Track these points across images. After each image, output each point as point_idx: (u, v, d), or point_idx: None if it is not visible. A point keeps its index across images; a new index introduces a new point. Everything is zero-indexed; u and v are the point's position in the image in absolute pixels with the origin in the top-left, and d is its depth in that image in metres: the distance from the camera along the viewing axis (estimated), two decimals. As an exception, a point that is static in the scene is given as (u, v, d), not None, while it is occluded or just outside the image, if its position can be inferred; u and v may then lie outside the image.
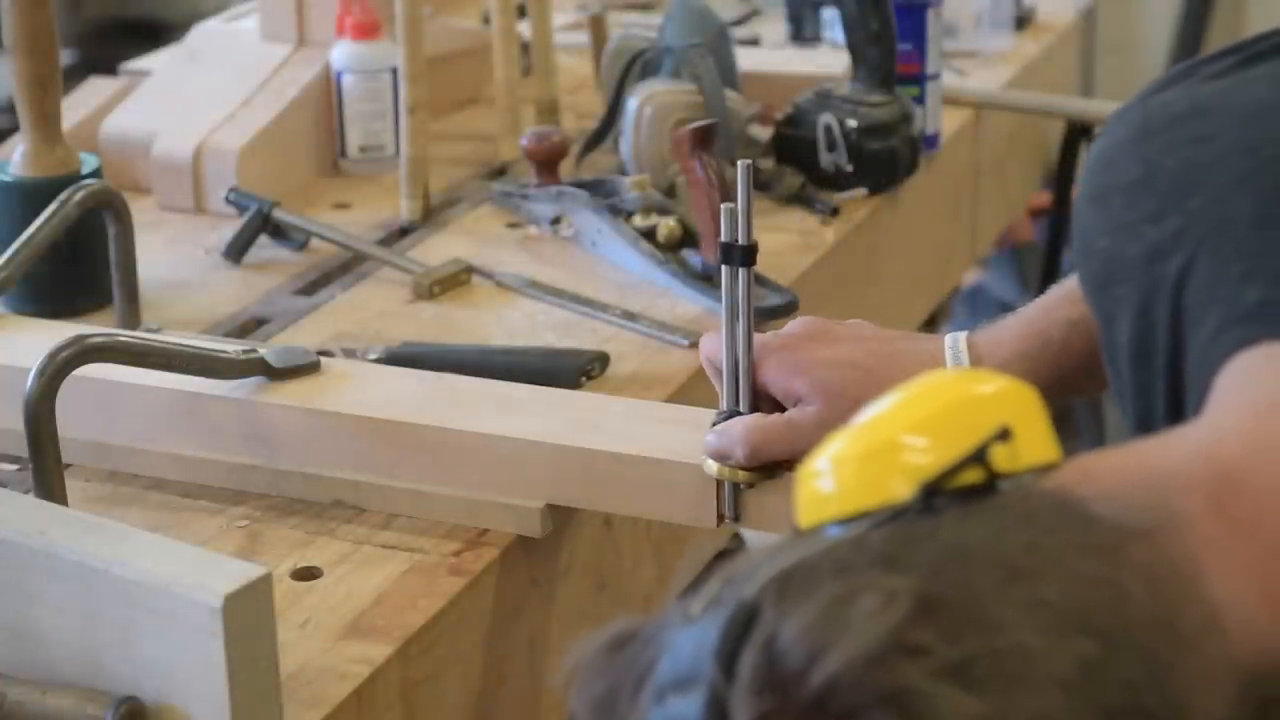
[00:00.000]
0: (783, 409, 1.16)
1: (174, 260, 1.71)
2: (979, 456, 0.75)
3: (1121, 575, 0.72)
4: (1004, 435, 0.76)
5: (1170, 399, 0.90)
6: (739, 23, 2.46)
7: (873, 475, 0.77)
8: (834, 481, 0.78)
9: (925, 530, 0.74)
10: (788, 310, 1.57)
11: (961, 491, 0.75)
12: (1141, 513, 0.75)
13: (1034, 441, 0.77)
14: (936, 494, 0.75)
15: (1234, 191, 0.86)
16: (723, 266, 1.15)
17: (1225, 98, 0.93)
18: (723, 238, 1.14)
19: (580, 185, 1.74)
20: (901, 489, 0.75)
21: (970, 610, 0.70)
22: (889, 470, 0.76)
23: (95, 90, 1.99)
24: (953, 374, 0.80)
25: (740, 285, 1.15)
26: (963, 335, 1.17)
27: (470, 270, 1.64)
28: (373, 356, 1.44)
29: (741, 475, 1.15)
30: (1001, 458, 0.76)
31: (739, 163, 1.14)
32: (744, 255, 1.14)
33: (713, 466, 1.16)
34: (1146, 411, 0.92)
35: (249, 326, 1.58)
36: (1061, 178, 2.50)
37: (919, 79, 1.93)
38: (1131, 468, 0.79)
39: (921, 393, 0.79)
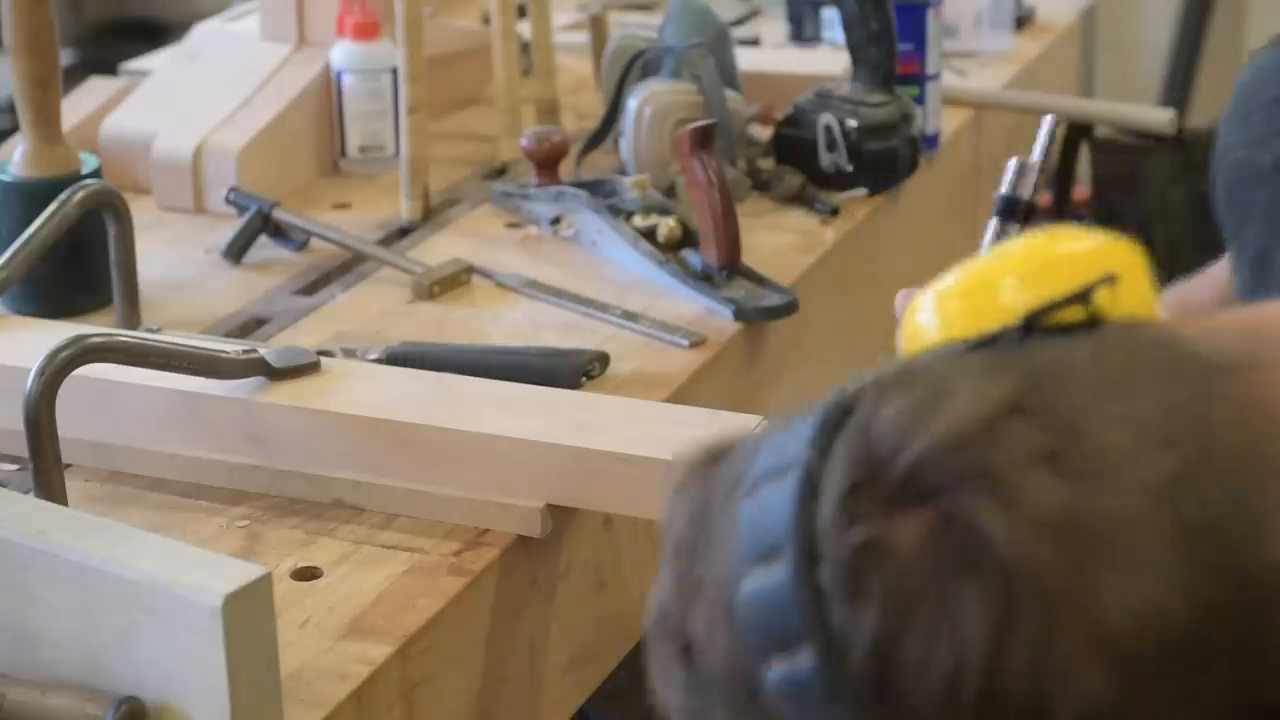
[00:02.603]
0: None
1: (174, 260, 1.71)
2: (1082, 296, 0.78)
3: (1213, 403, 0.74)
4: (1108, 281, 0.79)
5: None
6: (739, 23, 2.46)
7: (976, 309, 0.79)
8: (936, 316, 0.81)
9: (1024, 351, 0.76)
10: (788, 310, 1.57)
11: (1061, 327, 0.78)
12: (1239, 353, 0.77)
13: (1137, 294, 0.80)
14: (1037, 327, 0.77)
15: None
16: (995, 218, 1.11)
17: None
18: (1004, 190, 1.10)
19: (580, 185, 1.74)
20: (1003, 322, 0.78)
21: (1063, 414, 0.72)
22: (993, 305, 0.79)
23: (95, 90, 1.99)
24: (1060, 229, 0.83)
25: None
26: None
27: (470, 270, 1.64)
28: (373, 356, 1.44)
29: None
30: (1104, 301, 0.78)
31: (1044, 118, 1.09)
32: (1026, 212, 1.10)
33: None
34: None
35: (249, 326, 1.58)
36: (1061, 178, 2.50)
37: (919, 79, 1.93)
38: (1234, 317, 0.82)
39: (1032, 243, 0.83)
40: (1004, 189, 1.11)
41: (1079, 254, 0.81)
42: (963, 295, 0.81)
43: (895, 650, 0.70)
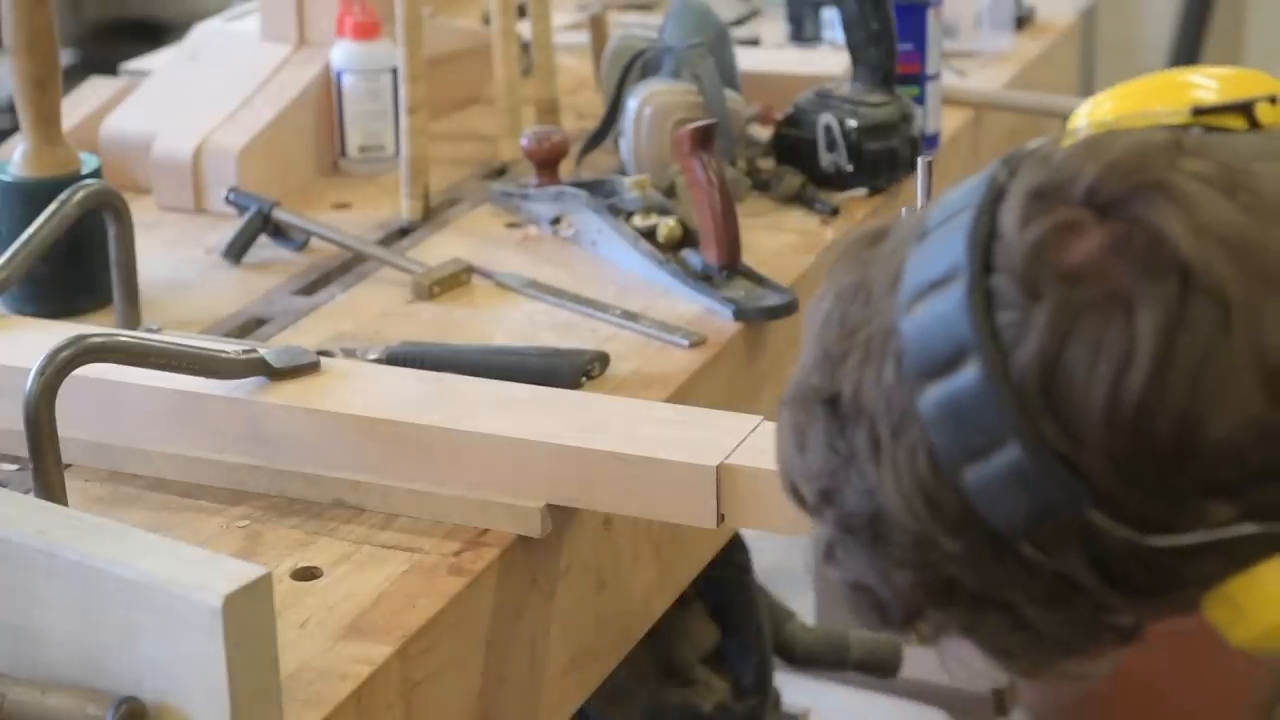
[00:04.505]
0: None
1: (174, 260, 1.71)
2: (1245, 106, 0.83)
3: None
4: (1272, 100, 0.84)
5: None
6: (739, 23, 2.46)
7: (1148, 101, 0.85)
8: (1089, 121, 0.86)
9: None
10: (788, 310, 1.57)
11: (1223, 128, 0.83)
12: None
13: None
14: (1200, 122, 0.82)
15: None
16: None
17: None
18: None
19: (580, 185, 1.74)
20: (1168, 114, 0.83)
21: (1233, 162, 0.76)
22: (1164, 98, 0.85)
23: (95, 90, 1.99)
24: (1199, 69, 0.91)
25: None
26: None
27: (470, 270, 1.64)
28: (373, 356, 1.44)
29: None
30: (1265, 114, 0.83)
31: (919, 160, 1.15)
32: None
33: None
34: None
35: (249, 326, 1.58)
36: (1061, 178, 2.49)
37: (919, 79, 1.93)
38: None
39: (1179, 70, 0.88)
40: None
41: (1250, 74, 0.86)
42: (1117, 101, 0.86)
43: (1063, 350, 0.73)
